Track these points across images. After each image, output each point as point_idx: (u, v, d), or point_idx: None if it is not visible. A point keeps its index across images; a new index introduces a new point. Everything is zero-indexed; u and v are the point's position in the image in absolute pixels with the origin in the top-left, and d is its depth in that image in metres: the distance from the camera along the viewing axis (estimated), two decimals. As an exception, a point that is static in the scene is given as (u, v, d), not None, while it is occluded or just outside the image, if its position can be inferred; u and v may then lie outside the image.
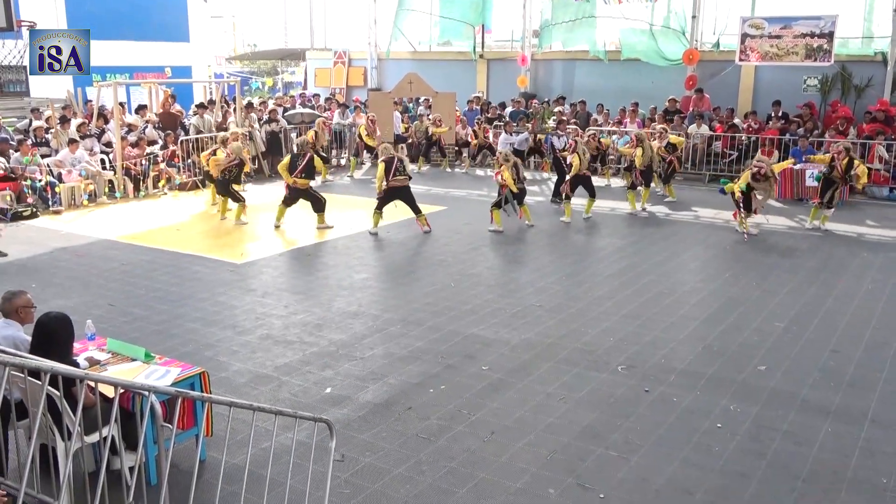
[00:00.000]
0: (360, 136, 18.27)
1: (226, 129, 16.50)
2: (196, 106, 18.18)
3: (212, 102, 18.92)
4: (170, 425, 4.29)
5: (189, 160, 15.96)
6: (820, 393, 6.40)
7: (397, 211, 12.32)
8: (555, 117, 17.56)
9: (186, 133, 16.87)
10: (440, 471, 5.16)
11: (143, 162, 15.22)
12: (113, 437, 4.03)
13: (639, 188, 13.90)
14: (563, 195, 13.17)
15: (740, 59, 18.00)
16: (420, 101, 21.26)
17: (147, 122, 16.95)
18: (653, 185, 14.37)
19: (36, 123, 15.45)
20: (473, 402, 6.19)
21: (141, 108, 17.96)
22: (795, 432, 5.72)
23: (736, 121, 17.55)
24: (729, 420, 5.91)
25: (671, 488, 4.99)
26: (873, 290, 9.27)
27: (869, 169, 15.20)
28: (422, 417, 5.93)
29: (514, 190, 12.03)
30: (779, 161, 14.39)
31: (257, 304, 8.61)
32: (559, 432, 5.70)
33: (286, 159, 12.50)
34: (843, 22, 17.13)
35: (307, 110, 20.20)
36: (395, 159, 11.98)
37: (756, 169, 11.91)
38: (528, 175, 17.70)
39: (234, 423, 4.79)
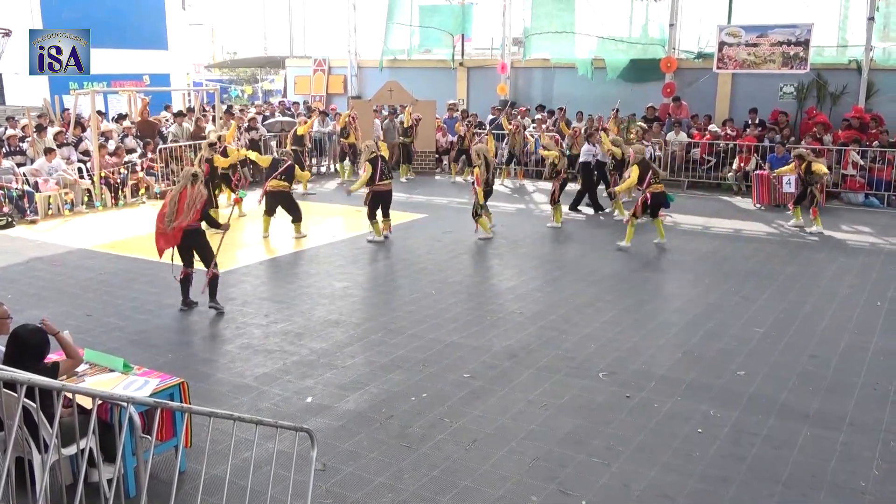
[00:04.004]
0: (341, 135, 18.09)
1: (203, 138, 16.43)
2: (174, 114, 18.08)
3: (191, 110, 18.82)
4: (149, 436, 4.25)
5: (168, 168, 15.85)
6: (799, 397, 6.45)
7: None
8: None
9: (165, 141, 16.77)
10: (422, 479, 5.15)
11: (122, 171, 15.10)
12: (91, 449, 3.99)
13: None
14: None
15: (718, 67, 18.18)
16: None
17: (125, 130, 16.83)
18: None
19: (10, 132, 15.29)
20: (455, 410, 6.18)
21: (120, 117, 17.83)
22: (775, 437, 5.76)
23: (712, 127, 17.71)
24: (709, 425, 5.94)
25: (652, 494, 5.00)
26: (850, 294, 9.37)
27: (844, 175, 15.44)
28: (403, 426, 5.91)
29: (479, 188, 12.02)
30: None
31: (237, 314, 8.55)
32: (541, 439, 5.70)
33: (268, 158, 12.52)
34: (818, 30, 17.37)
35: (287, 118, 20.15)
36: (380, 158, 11.85)
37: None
38: (510, 184, 17.81)
39: (214, 434, 4.75)
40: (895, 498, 4.97)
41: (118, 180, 15.02)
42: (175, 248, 8.43)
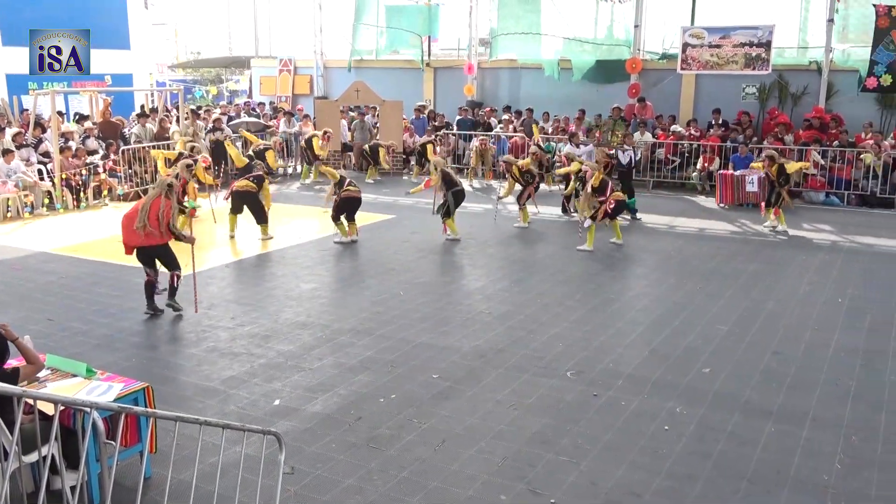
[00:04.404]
0: (309, 145, 17.99)
1: (167, 139, 16.25)
2: (137, 115, 17.84)
3: (154, 111, 18.58)
4: (113, 442, 4.19)
5: (131, 170, 15.63)
6: (762, 394, 6.55)
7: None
8: (623, 130, 16.80)
9: (127, 142, 16.53)
10: (391, 480, 5.14)
11: (83, 172, 14.86)
12: (53, 456, 3.91)
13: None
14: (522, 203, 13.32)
15: (682, 68, 18.41)
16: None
17: (86, 131, 16.56)
18: None
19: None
20: (424, 411, 6.17)
21: (82, 118, 17.54)
22: (739, 433, 5.84)
23: (674, 128, 17.92)
24: (675, 422, 6.01)
25: (620, 491, 5.04)
26: (812, 292, 9.54)
27: (805, 174, 15.71)
28: (372, 427, 5.89)
29: (442, 194, 12.20)
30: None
31: (203, 317, 8.46)
32: (509, 439, 5.72)
33: (244, 160, 12.56)
34: (779, 32, 17.68)
35: (252, 119, 19.99)
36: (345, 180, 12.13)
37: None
38: (477, 184, 17.85)
39: (180, 439, 4.69)
40: (857, 492, 5.06)
41: (80, 182, 14.77)
42: (137, 255, 8.39)
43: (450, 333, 7.96)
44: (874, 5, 16.37)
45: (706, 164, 16.85)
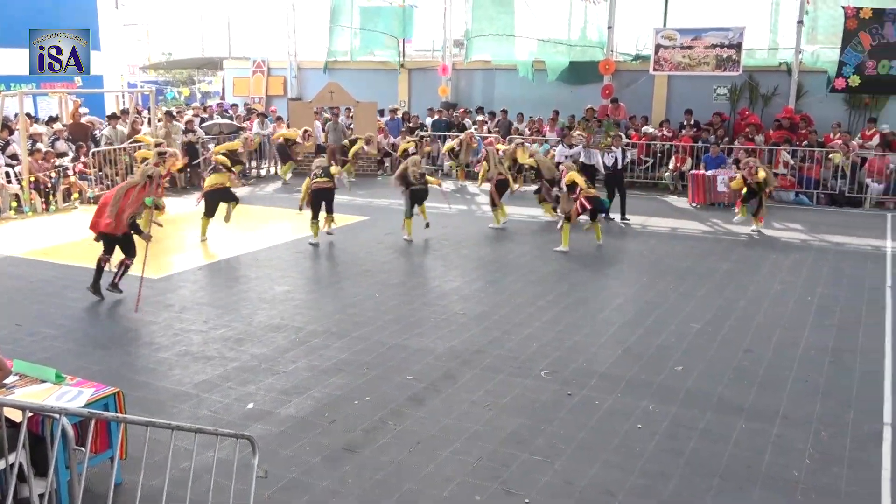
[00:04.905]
0: (285, 140, 17.90)
1: (139, 141, 16.08)
2: (108, 116, 17.64)
3: (125, 112, 18.38)
4: (82, 448, 4.13)
5: (101, 172, 15.45)
6: (734, 392, 6.62)
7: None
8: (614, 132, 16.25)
9: (98, 144, 16.33)
10: (366, 483, 5.12)
11: (53, 175, 14.66)
12: (21, 464, 3.85)
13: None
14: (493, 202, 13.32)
15: (654, 69, 18.56)
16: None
17: (56, 133, 16.34)
18: None
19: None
20: (399, 413, 6.16)
21: (51, 120, 17.30)
22: (712, 430, 5.90)
23: (646, 128, 18.06)
24: (648, 421, 6.05)
25: (594, 490, 5.07)
26: (783, 290, 9.66)
27: (776, 174, 15.89)
28: (346, 430, 5.87)
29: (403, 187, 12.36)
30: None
31: (175, 320, 8.38)
32: (484, 439, 5.73)
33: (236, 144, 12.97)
34: (750, 34, 17.91)
35: (225, 121, 19.84)
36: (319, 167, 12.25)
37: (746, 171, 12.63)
38: (452, 185, 17.85)
39: (152, 444, 4.64)
40: (827, 488, 5.13)
41: (49, 185, 14.57)
42: (99, 235, 8.90)
43: (424, 335, 7.96)
44: (843, 7, 16.63)
45: (678, 165, 17.01)
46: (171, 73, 38.14)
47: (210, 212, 12.05)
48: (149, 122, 17.31)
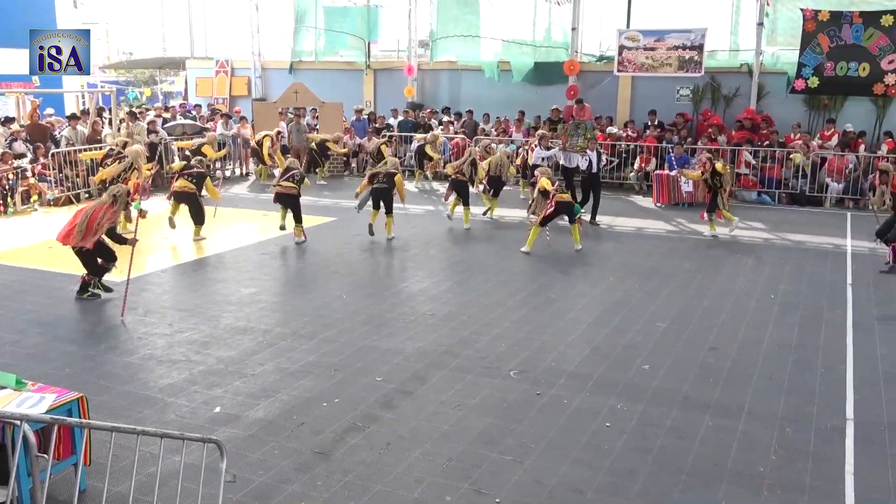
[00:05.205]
0: (259, 146, 17.82)
1: (99, 142, 15.84)
2: (68, 117, 17.33)
3: (85, 113, 18.06)
4: (45, 455, 4.04)
5: (61, 174, 15.16)
6: (700, 389, 6.70)
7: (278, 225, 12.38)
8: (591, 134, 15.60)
9: (57, 145, 16.03)
10: (335, 485, 5.09)
11: (11, 177, 14.35)
12: (-19, 472, 3.77)
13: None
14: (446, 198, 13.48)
15: (618, 70, 18.73)
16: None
17: (13, 134, 15.99)
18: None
19: None
20: (368, 414, 6.14)
21: (7, 120, 16.94)
22: (679, 427, 5.96)
23: (610, 129, 18.21)
24: (616, 419, 6.10)
25: (563, 488, 5.09)
26: (746, 289, 9.80)
27: (738, 174, 16.14)
28: (315, 432, 5.83)
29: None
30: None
31: (139, 324, 8.25)
32: (454, 440, 5.73)
33: (180, 164, 12.96)
34: (711, 35, 18.15)
35: (188, 121, 19.60)
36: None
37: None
38: (421, 186, 17.84)
39: (117, 450, 4.57)
40: (792, 482, 5.22)
41: (6, 187, 14.26)
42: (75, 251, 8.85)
43: (393, 335, 7.93)
44: (801, 9, 16.94)
45: (643, 165, 17.18)
46: (133, 73, 37.56)
47: (175, 209, 12.28)
48: (110, 123, 17.02)
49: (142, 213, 9.26)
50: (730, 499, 5.01)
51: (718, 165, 12.74)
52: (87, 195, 15.57)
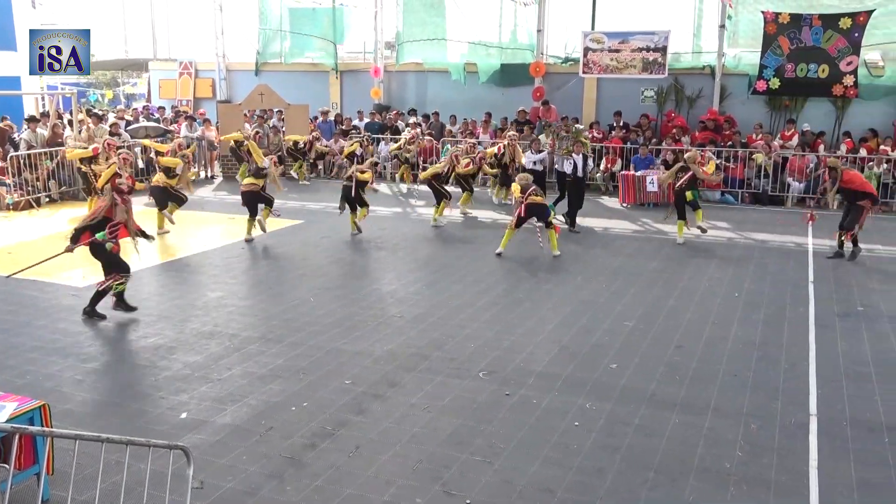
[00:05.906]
0: (248, 151, 17.63)
1: (59, 144, 15.58)
2: (27, 119, 16.99)
3: (45, 115, 17.74)
4: (6, 466, 3.96)
5: (21, 178, 14.87)
6: (667, 387, 6.76)
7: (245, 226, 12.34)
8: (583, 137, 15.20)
9: (17, 148, 15.72)
10: (305, 490, 5.05)
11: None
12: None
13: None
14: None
15: (583, 72, 18.88)
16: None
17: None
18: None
19: None
20: (337, 418, 6.10)
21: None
22: (646, 425, 6.02)
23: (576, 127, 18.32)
24: (585, 418, 6.14)
25: (533, 488, 5.11)
26: (711, 287, 9.93)
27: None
28: (284, 437, 5.78)
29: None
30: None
31: (103, 329, 8.12)
32: (424, 441, 5.72)
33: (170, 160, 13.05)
34: (674, 37, 18.36)
35: (152, 124, 19.35)
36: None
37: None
38: (377, 187, 17.80)
39: (81, 458, 4.49)
40: (757, 477, 5.29)
41: (-35, 191, 13.97)
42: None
43: (362, 338, 7.90)
44: (762, 12, 17.22)
45: (609, 165, 17.32)
46: (94, 75, 36.99)
47: (162, 205, 12.53)
48: (70, 125, 16.73)
49: (115, 247, 8.93)
50: (697, 495, 5.07)
51: (711, 166, 12.81)
52: (47, 199, 15.30)
